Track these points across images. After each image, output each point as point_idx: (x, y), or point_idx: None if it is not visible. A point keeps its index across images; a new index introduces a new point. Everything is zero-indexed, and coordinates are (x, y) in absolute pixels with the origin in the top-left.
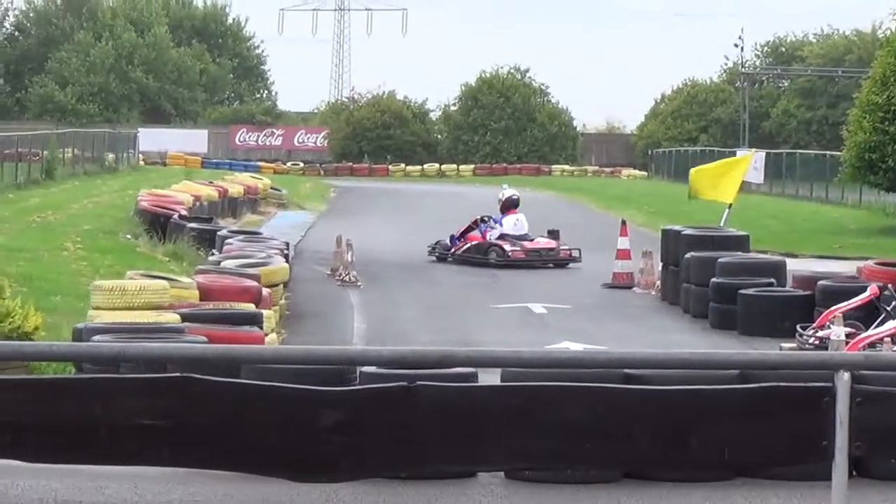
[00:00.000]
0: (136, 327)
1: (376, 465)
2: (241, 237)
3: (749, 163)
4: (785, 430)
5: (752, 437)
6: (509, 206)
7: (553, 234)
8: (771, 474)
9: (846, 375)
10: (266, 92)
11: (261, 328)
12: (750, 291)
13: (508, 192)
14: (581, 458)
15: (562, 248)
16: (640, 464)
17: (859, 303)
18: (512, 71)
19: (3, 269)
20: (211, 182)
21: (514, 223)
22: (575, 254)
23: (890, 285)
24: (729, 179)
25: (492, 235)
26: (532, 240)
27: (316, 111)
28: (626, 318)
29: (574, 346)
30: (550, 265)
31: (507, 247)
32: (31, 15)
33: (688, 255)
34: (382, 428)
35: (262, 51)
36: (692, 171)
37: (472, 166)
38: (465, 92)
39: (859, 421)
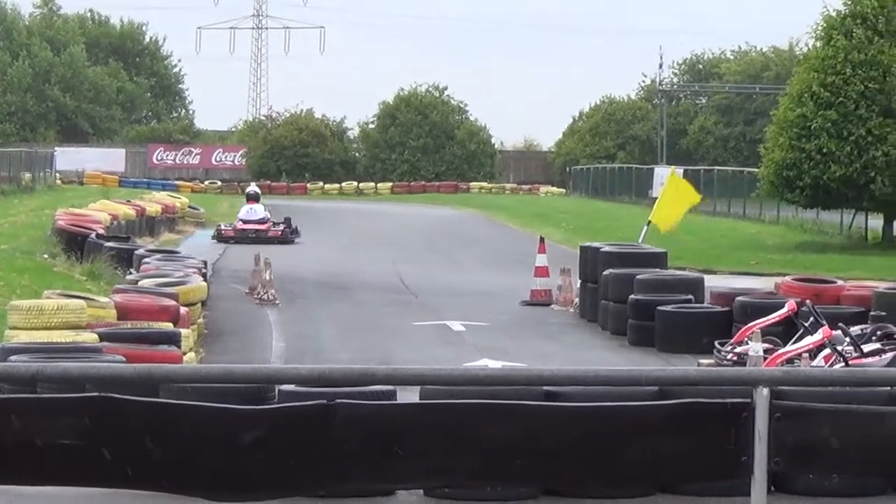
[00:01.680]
0: (53, 347)
1: (295, 483)
2: (158, 256)
3: (678, 179)
4: (704, 445)
5: (671, 453)
6: (248, 198)
7: (286, 221)
8: (691, 490)
9: (765, 391)
10: (184, 110)
11: (178, 347)
12: (668, 308)
13: (249, 188)
14: (500, 476)
15: (272, 229)
16: (560, 481)
17: (777, 319)
18: (430, 89)
19: None
20: (128, 201)
21: (246, 211)
22: (291, 235)
23: (808, 301)
24: (667, 203)
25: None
26: (264, 223)
27: (234, 129)
28: (544, 336)
29: (493, 364)
30: (275, 242)
31: (223, 226)
32: None
33: (606, 272)
34: (301, 446)
35: (180, 69)
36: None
37: (390, 184)
38: (384, 110)
39: (778, 436)
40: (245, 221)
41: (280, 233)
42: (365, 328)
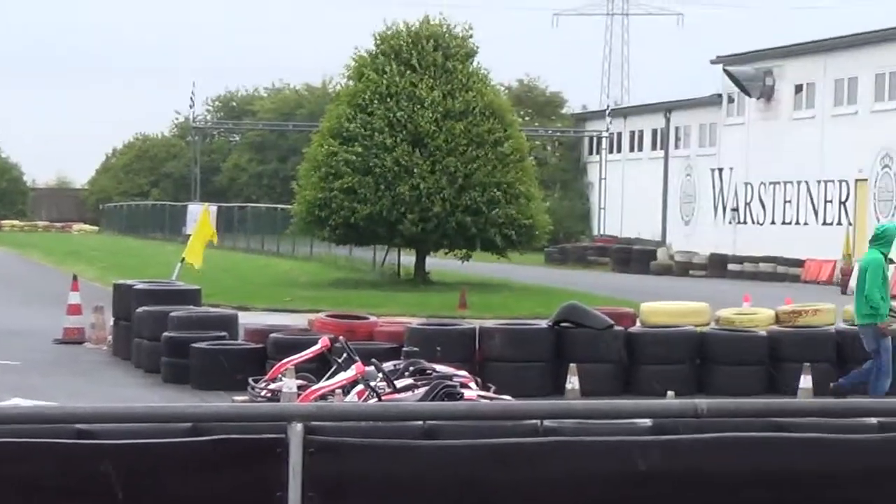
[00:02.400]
0: None
1: None
2: None
3: (209, 217)
4: (239, 482)
5: (206, 491)
6: None
7: None
8: None
9: (299, 426)
10: None
11: None
12: (202, 345)
13: None
14: None
15: None
16: None
17: (311, 355)
18: None
19: None
20: None
21: None
22: None
23: (341, 337)
24: (196, 240)
25: None
26: None
27: None
28: (77, 374)
29: (25, 403)
30: None
31: None
32: None
33: (139, 310)
34: None
35: None
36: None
37: None
38: None
39: (312, 471)
40: None
41: None
42: None
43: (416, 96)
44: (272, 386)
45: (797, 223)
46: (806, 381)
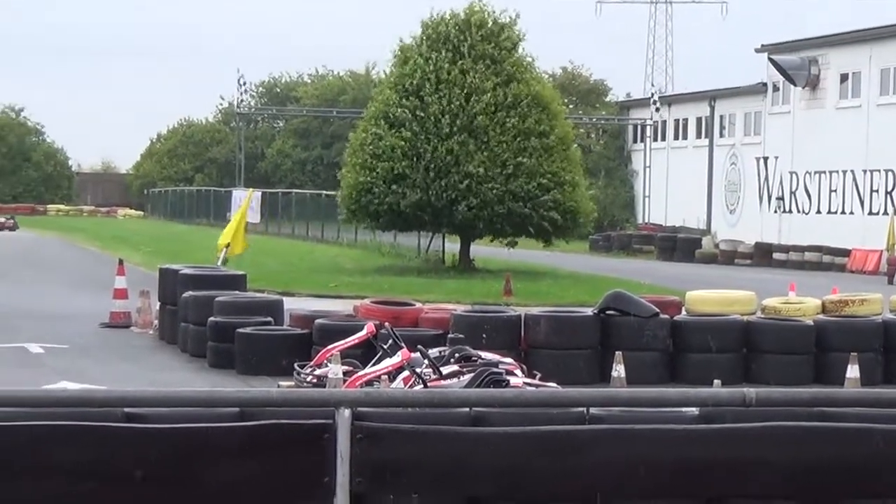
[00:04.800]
0: None
1: None
2: None
3: (250, 202)
4: (287, 467)
5: (253, 475)
6: None
7: (12, 218)
8: None
9: (346, 412)
10: None
11: None
12: (247, 330)
13: None
14: (80, 499)
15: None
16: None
17: (356, 341)
18: (6, 110)
19: None
20: None
21: None
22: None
23: (387, 323)
24: (238, 226)
25: None
26: None
27: None
28: (124, 358)
29: (72, 386)
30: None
31: None
32: None
33: (185, 295)
34: None
35: None
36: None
37: None
38: None
39: (359, 457)
40: None
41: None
42: None
43: (469, 85)
44: (318, 371)
45: (843, 212)
46: (853, 371)
